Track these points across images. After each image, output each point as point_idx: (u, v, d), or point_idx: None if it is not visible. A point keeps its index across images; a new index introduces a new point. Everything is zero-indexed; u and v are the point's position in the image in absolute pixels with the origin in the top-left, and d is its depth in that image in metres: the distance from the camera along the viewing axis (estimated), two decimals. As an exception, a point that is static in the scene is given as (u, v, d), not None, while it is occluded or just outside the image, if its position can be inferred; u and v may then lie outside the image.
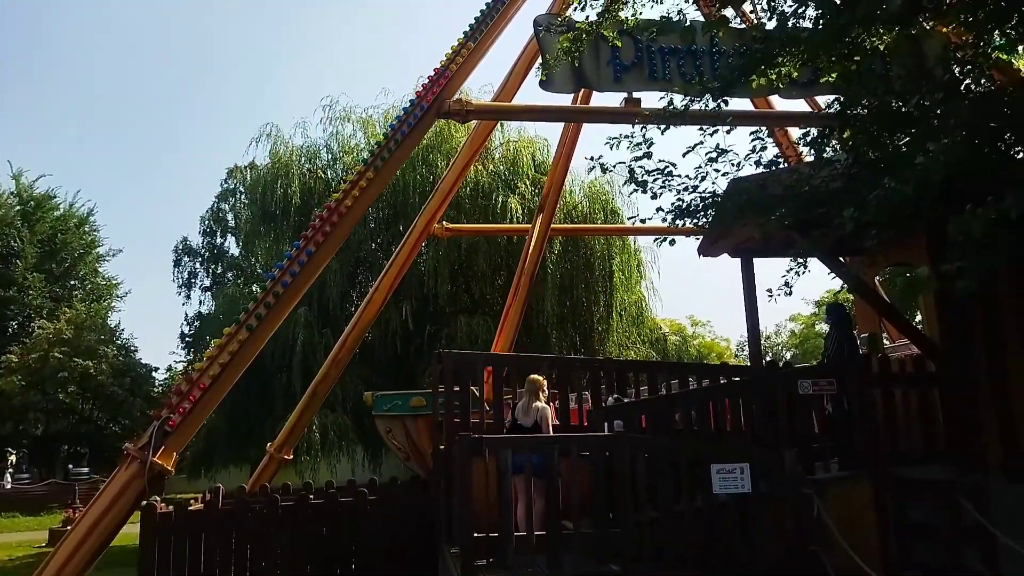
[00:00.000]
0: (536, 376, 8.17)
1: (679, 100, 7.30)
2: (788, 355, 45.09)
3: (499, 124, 20.19)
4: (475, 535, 6.48)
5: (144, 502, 8.15)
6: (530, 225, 20.68)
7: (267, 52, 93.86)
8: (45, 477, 34.02)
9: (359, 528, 9.23)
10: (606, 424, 8.01)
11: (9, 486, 31.67)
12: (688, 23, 7.54)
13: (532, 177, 22.64)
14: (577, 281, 22.17)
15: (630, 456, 6.61)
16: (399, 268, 15.21)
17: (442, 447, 9.13)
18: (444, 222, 16.69)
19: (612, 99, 10.82)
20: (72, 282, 42.11)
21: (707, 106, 7.09)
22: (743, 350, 52.42)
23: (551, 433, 7.79)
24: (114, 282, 44.14)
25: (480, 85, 22.96)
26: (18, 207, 41.04)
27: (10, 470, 33.56)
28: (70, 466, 35.46)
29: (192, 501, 9.40)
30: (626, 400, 9.17)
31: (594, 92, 11.45)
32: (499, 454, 6.65)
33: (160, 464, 7.94)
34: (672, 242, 7.42)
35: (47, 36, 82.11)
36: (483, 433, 8.02)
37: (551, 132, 26.38)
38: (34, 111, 77.62)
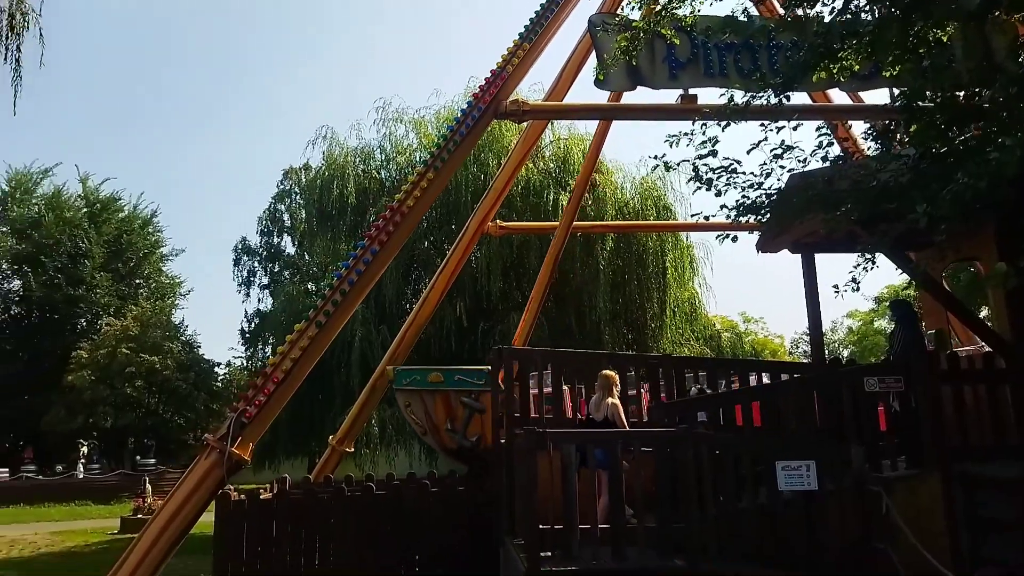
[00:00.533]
0: (608, 372, 8.29)
1: (739, 96, 7.30)
2: (846, 352, 44.09)
3: (549, 122, 20.28)
4: (540, 527, 6.61)
5: (220, 491, 8.54)
6: (584, 223, 20.82)
7: (323, 55, 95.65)
8: (115, 468, 35.47)
9: (421, 519, 9.45)
10: (689, 416, 8.02)
11: (82, 476, 33.07)
12: (753, 20, 7.52)
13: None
14: (629, 278, 22.14)
15: (693, 451, 6.66)
16: (454, 266, 15.46)
17: (502, 441, 9.30)
18: (497, 220, 16.86)
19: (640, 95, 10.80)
20: (137, 281, 43.76)
21: (768, 102, 7.07)
22: (797, 347, 51.43)
23: (625, 427, 7.90)
24: (177, 281, 45.73)
25: (529, 84, 23.12)
26: (85, 209, 42.81)
27: (82, 461, 34.94)
28: (137, 457, 36.87)
29: (261, 491, 9.75)
30: (708, 392, 9.17)
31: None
32: (563, 448, 6.78)
33: (238, 454, 8.32)
34: (735, 239, 7.43)
35: (108, 41, 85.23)
36: (544, 428, 8.15)
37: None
38: (97, 115, 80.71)
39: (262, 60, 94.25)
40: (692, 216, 8.36)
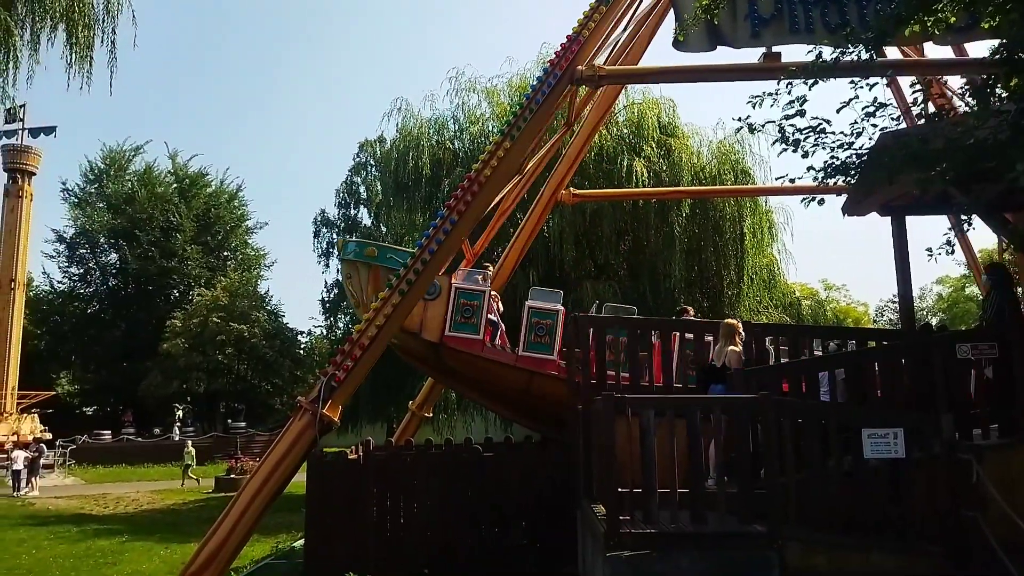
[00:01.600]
0: (731, 320, 8.45)
1: (827, 53, 7.01)
2: (935, 320, 42.21)
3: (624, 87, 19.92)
4: (619, 490, 6.69)
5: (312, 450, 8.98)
6: (658, 189, 20.46)
7: (396, 26, 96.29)
8: (208, 431, 37.51)
9: (501, 481, 9.71)
10: (820, 376, 8.03)
11: (178, 438, 35.10)
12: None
13: (658, 139, 22.24)
14: (706, 245, 21.71)
15: (776, 418, 6.60)
16: (528, 235, 15.55)
17: (580, 406, 9.40)
18: (570, 188, 16.80)
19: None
20: (225, 253, 45.74)
21: (858, 58, 6.78)
22: (882, 315, 49.52)
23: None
24: (262, 252, 47.58)
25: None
26: (175, 184, 44.82)
27: (177, 424, 37.08)
28: (228, 421, 38.86)
29: (348, 452, 10.19)
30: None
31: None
32: (642, 413, 6.82)
33: (328, 416, 8.72)
34: (821, 202, 7.21)
35: (190, 18, 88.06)
36: (620, 392, 8.20)
37: (676, 92, 25.73)
38: (182, 94, 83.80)
39: (338, 35, 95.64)
40: (777, 180, 8.12)
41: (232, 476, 23.36)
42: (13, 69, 12.74)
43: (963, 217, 6.91)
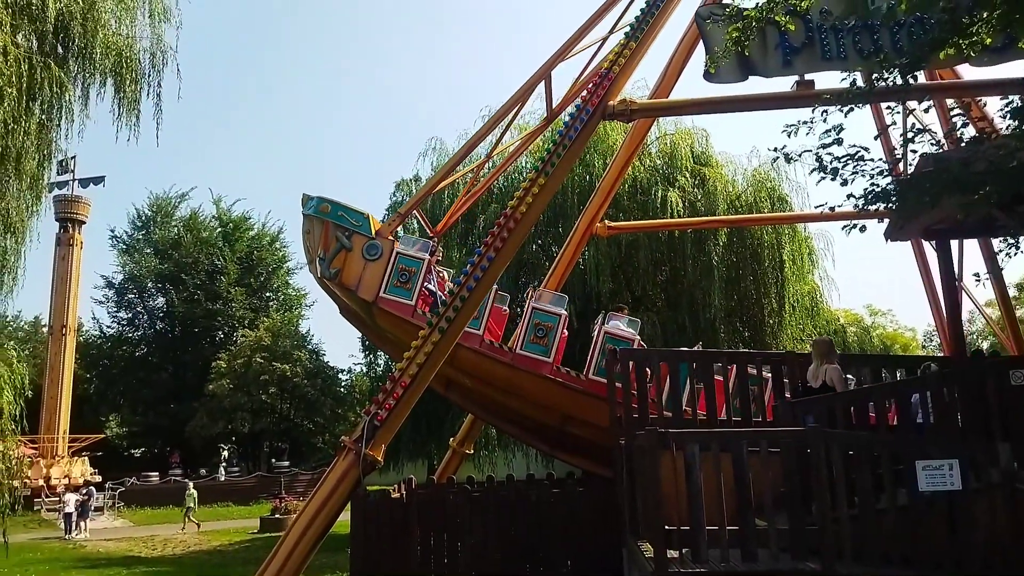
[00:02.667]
0: (824, 338, 8.40)
1: (861, 79, 6.99)
2: (985, 345, 40.88)
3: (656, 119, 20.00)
4: (666, 528, 6.57)
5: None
6: (694, 219, 20.37)
7: (431, 66, 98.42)
8: (252, 470, 37.83)
9: (543, 519, 9.61)
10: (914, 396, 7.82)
11: (223, 479, 35.42)
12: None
13: (692, 169, 22.21)
14: (745, 273, 21.48)
15: (825, 450, 6.46)
16: (563, 268, 15.56)
17: (622, 441, 9.30)
18: (605, 221, 16.82)
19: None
20: (268, 294, 46.56)
21: (894, 83, 6.74)
22: (931, 340, 48.08)
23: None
24: (303, 293, 48.31)
25: (632, 82, 22.87)
26: (219, 229, 45.92)
27: (223, 464, 37.45)
28: (272, 460, 39.14)
29: (391, 491, 10.20)
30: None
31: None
32: (686, 447, 6.73)
33: (372, 455, 8.77)
34: (863, 228, 7.11)
35: (231, 72, 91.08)
36: (663, 427, 8.09)
37: (708, 122, 25.69)
38: (224, 141, 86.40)
39: (372, 75, 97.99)
40: (816, 207, 8.04)
41: (277, 516, 23.47)
42: (67, 123, 13.32)
43: (1009, 240, 6.75)
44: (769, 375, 9.81)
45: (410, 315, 11.04)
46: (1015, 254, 6.85)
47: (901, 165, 6.59)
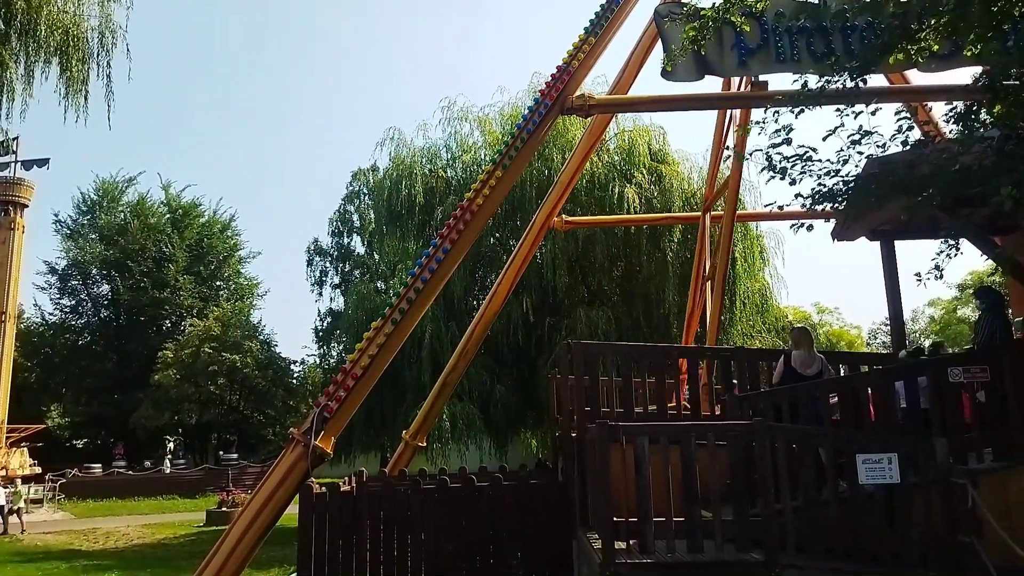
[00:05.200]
0: (804, 326, 8.52)
1: (813, 81, 7.12)
2: (927, 343, 42.36)
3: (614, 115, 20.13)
4: (615, 519, 6.63)
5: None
6: (650, 215, 20.63)
7: (387, 57, 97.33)
8: (199, 463, 37.11)
9: (496, 511, 9.60)
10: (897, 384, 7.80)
11: (168, 471, 34.69)
12: (828, 3, 7.34)
13: (649, 166, 22.43)
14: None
15: (770, 444, 6.58)
16: (520, 262, 15.56)
17: (573, 434, 9.36)
18: (563, 215, 16.88)
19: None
20: (218, 283, 45.63)
21: (844, 86, 6.89)
22: (875, 338, 49.61)
23: None
24: (255, 282, 47.49)
25: (592, 78, 22.98)
26: (168, 215, 44.81)
27: (169, 456, 36.67)
28: (220, 452, 38.42)
29: (341, 483, 10.08)
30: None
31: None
32: (636, 440, 6.79)
33: (321, 447, 8.64)
34: (810, 228, 7.27)
35: (178, 50, 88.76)
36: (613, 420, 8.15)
37: (666, 120, 25.93)
38: (175, 125, 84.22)
39: (329, 64, 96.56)
40: (766, 206, 8.21)
41: (224, 509, 23.08)
42: (7, 102, 12.84)
43: (950, 242, 6.98)
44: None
45: None
46: (955, 255, 7.08)
47: (847, 167, 6.76)
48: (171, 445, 37.46)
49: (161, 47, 79.57)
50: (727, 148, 7.33)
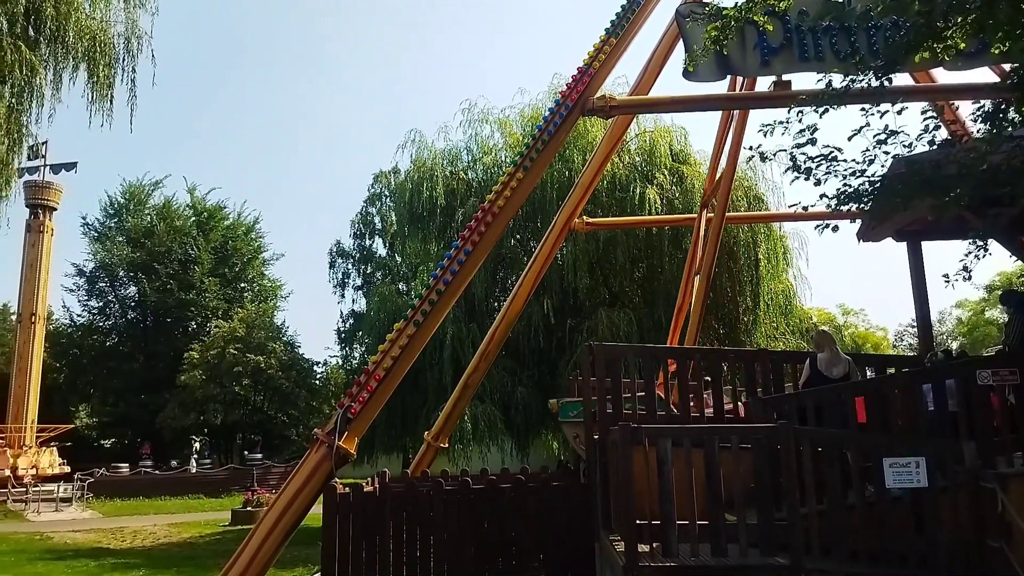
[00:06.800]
0: (826, 328, 8.48)
1: (837, 81, 7.05)
2: (955, 344, 41.67)
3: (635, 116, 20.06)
4: (638, 522, 6.62)
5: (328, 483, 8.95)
6: (671, 216, 20.54)
7: (407, 59, 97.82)
8: (224, 463, 37.47)
9: (518, 513, 9.61)
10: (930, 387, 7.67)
11: (195, 471, 35.06)
12: (852, 2, 7.26)
13: (670, 167, 22.33)
14: (720, 271, 21.63)
15: (795, 447, 6.53)
16: (541, 263, 15.55)
17: (595, 436, 9.34)
18: (583, 217, 16.85)
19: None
20: (242, 285, 46.08)
21: (869, 84, 6.82)
22: (902, 340, 48.91)
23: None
24: (278, 284, 47.92)
25: (613, 78, 22.91)
26: (193, 218, 45.34)
27: (194, 456, 37.08)
28: (245, 452, 38.77)
29: (364, 484, 10.14)
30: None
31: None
32: (659, 443, 6.77)
33: (344, 448, 8.72)
34: (835, 228, 7.20)
35: (207, 60, 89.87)
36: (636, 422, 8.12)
37: (687, 120, 25.81)
38: (200, 129, 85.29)
39: (349, 67, 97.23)
40: (790, 207, 8.13)
41: (249, 508, 23.30)
42: (37, 107, 13.09)
43: (978, 242, 6.86)
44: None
45: None
46: (983, 256, 6.97)
47: (873, 166, 6.68)
48: (197, 445, 37.88)
49: (183, 50, 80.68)
50: (747, 149, 7.27)
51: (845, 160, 6.80)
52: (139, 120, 14.24)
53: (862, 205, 6.91)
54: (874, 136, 6.66)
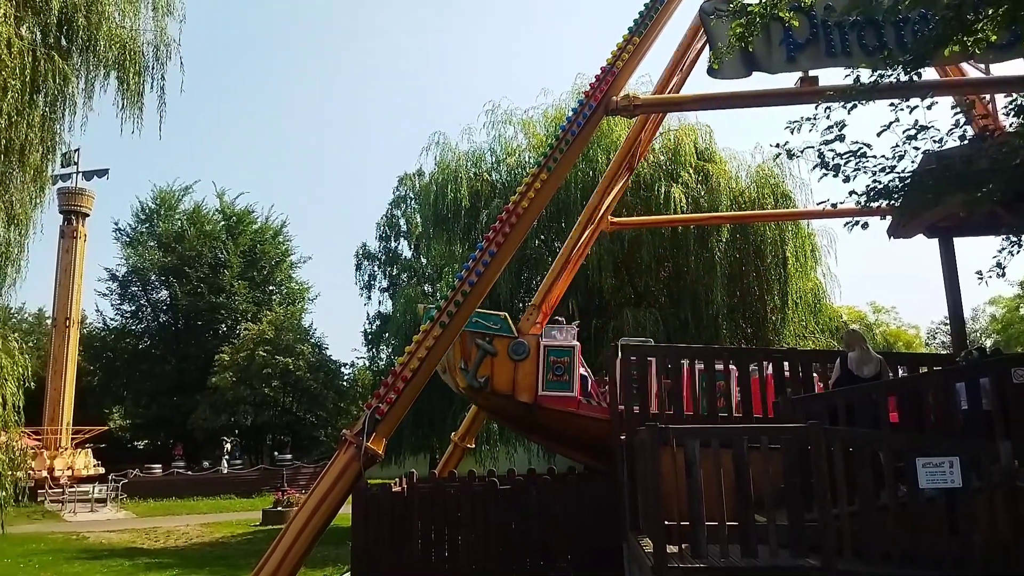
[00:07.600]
0: (857, 327, 8.41)
1: (865, 76, 6.96)
2: (989, 342, 40.81)
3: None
4: (667, 523, 6.58)
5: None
6: (697, 215, 20.34)
7: (431, 62, 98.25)
8: (255, 463, 37.91)
9: (545, 513, 9.63)
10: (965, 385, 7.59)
11: (226, 471, 35.50)
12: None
13: (695, 165, 22.14)
14: (748, 269, 21.45)
15: (826, 448, 6.46)
16: (574, 264, 15.45)
17: (622, 436, 9.32)
18: (609, 216, 16.77)
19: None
20: (271, 287, 46.63)
21: (898, 79, 6.71)
22: (934, 337, 48.02)
23: None
24: (306, 286, 48.40)
25: (636, 77, 22.78)
26: (223, 222, 45.96)
27: (226, 457, 37.55)
28: (275, 453, 39.19)
29: (392, 484, 10.23)
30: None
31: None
32: (686, 443, 6.73)
33: (373, 448, 8.80)
34: (865, 225, 7.10)
35: (233, 64, 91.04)
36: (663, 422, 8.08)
37: (713, 118, 25.64)
38: (228, 134, 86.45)
39: (373, 70, 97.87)
40: (818, 204, 8.02)
41: (279, 508, 23.57)
42: (70, 116, 13.35)
43: (1011, 238, 6.73)
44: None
45: (575, 407, 10.39)
46: (1017, 252, 6.82)
47: (903, 162, 6.58)
48: (228, 446, 38.35)
49: (210, 56, 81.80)
50: (776, 146, 7.15)
51: (874, 156, 6.71)
52: (167, 126, 14.43)
53: (892, 201, 6.81)
54: (903, 131, 6.57)
